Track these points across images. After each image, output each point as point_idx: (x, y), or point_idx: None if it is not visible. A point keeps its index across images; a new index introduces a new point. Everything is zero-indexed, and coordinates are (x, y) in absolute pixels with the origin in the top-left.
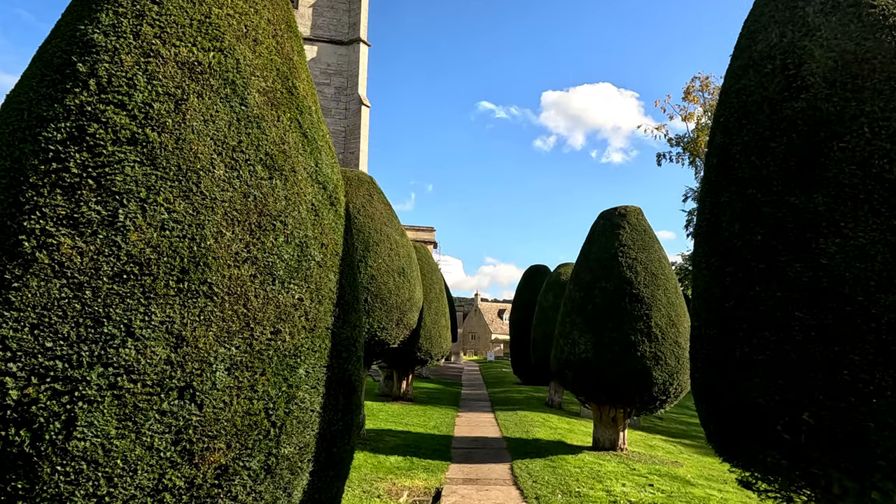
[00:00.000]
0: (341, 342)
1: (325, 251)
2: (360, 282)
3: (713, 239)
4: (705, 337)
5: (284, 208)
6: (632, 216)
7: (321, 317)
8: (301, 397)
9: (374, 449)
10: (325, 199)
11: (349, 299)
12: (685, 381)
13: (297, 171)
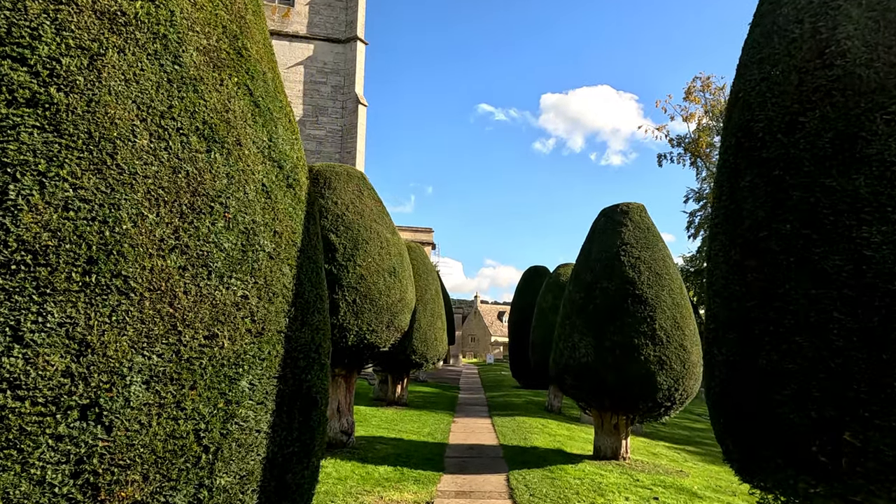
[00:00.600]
0: (299, 348)
1: (279, 240)
2: (349, 282)
3: (733, 229)
4: (724, 341)
5: (226, 187)
6: (634, 213)
7: (272, 318)
8: (243, 415)
9: (362, 458)
10: (280, 180)
11: (310, 298)
12: (691, 386)
13: (243, 145)
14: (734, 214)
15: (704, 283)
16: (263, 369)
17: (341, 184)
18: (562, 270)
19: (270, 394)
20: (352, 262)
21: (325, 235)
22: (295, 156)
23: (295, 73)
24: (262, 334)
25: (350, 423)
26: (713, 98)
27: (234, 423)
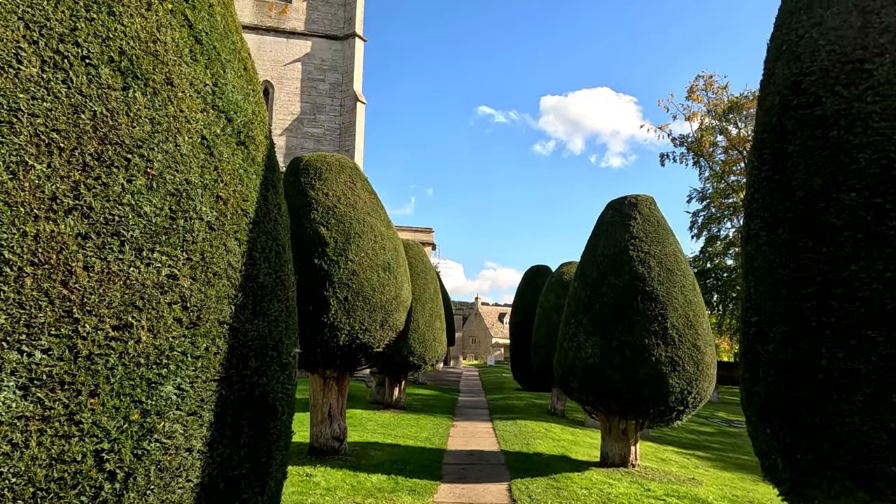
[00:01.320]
0: (249, 343)
1: (224, 208)
2: (340, 278)
3: (779, 203)
4: (771, 336)
5: (149, 136)
6: (643, 206)
7: (211, 305)
8: (167, 430)
9: (355, 466)
10: (228, 135)
11: (267, 282)
12: (705, 389)
13: (176, 86)
14: (780, 186)
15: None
16: (198, 370)
17: (332, 174)
18: (565, 269)
19: (208, 401)
20: (343, 257)
21: (315, 229)
22: (250, 109)
23: (292, 71)
24: (196, 325)
25: (342, 428)
26: (716, 97)
27: (153, 441)
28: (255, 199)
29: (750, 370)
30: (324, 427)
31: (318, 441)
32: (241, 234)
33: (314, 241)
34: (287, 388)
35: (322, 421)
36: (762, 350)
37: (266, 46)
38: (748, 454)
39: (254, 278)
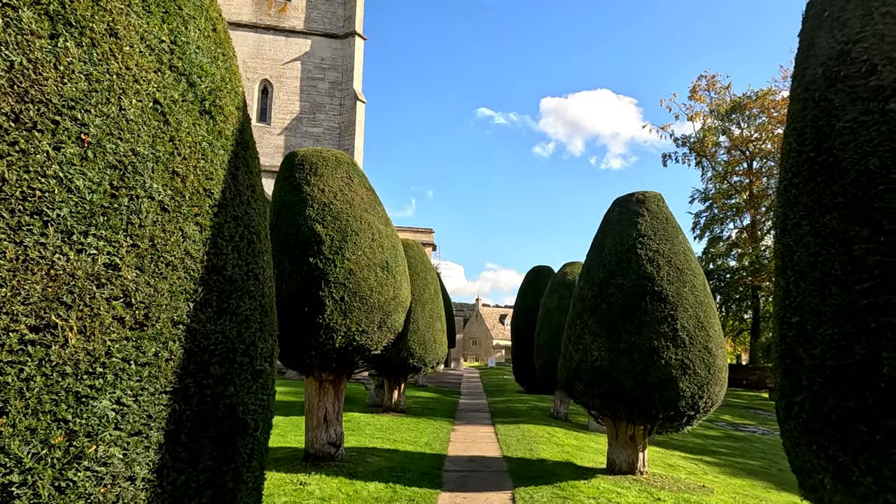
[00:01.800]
0: (212, 348)
1: (181, 187)
2: (336, 278)
3: (826, 187)
4: (817, 339)
5: (85, 96)
6: (651, 202)
7: (162, 301)
8: (101, 455)
9: (351, 473)
10: (189, 102)
11: (236, 275)
12: (716, 393)
13: (121, 38)
14: (827, 168)
15: (776, 265)
16: (144, 380)
17: (329, 170)
18: (568, 269)
19: (157, 418)
20: (340, 256)
21: (310, 226)
22: (218, 75)
23: (292, 70)
24: (143, 326)
25: (338, 433)
26: (718, 97)
27: (81, 470)
28: (223, 178)
29: (789, 377)
30: (319, 432)
31: (313, 447)
32: (204, 217)
33: (309, 238)
34: (262, 398)
35: (318, 426)
36: (805, 354)
37: (265, 45)
38: (756, 459)
39: (219, 270)
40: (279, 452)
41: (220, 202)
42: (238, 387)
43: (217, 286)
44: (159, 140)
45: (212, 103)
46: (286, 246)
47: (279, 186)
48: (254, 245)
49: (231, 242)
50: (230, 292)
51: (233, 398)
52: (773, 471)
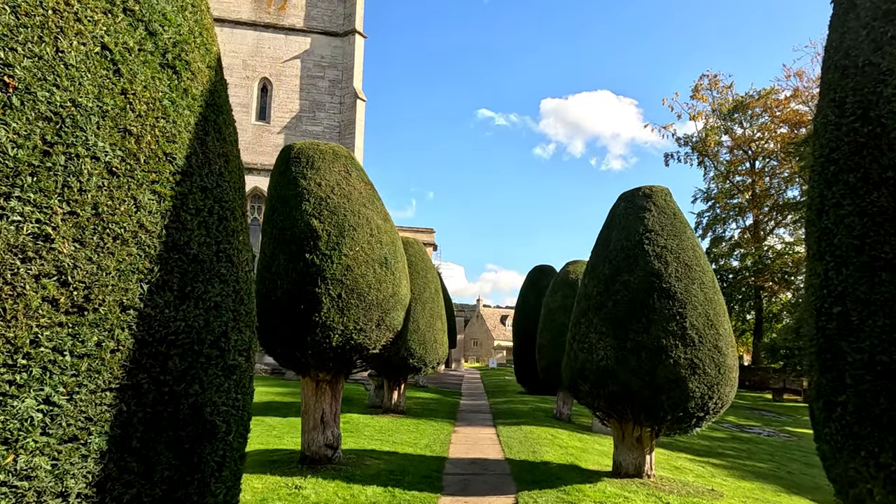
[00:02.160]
0: (172, 338)
1: (136, 148)
2: (333, 274)
3: (873, 161)
4: (864, 332)
5: (10, 31)
6: (658, 197)
7: (108, 280)
8: (23, 466)
9: (349, 477)
10: (147, 52)
11: (204, 254)
12: (727, 394)
13: None
14: (875, 138)
15: (809, 251)
16: (83, 374)
17: (326, 164)
18: (571, 268)
19: (99, 420)
20: (337, 252)
21: (306, 221)
22: (186, 27)
23: (291, 68)
24: (82, 310)
25: (336, 435)
26: (720, 96)
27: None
28: (188, 141)
29: (829, 374)
30: (316, 434)
31: (309, 449)
32: (163, 185)
33: (305, 233)
34: (235, 398)
35: (314, 427)
36: (850, 349)
37: (264, 43)
38: (764, 462)
39: (181, 248)
40: (275, 455)
41: (185, 170)
42: (205, 384)
43: (179, 266)
44: (107, 92)
45: (176, 57)
46: (282, 241)
47: (275, 180)
48: (226, 222)
49: (198, 217)
50: (195, 274)
51: (198, 397)
52: (781, 473)
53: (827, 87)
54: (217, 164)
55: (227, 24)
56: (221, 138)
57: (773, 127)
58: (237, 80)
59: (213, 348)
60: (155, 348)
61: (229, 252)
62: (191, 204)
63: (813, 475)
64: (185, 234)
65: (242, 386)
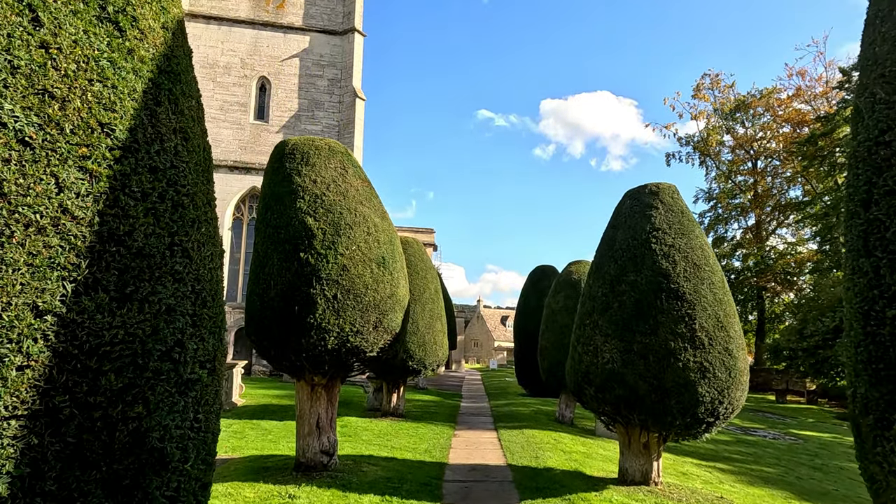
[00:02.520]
0: (107, 348)
1: (61, 115)
2: (329, 274)
3: None
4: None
5: None
6: (666, 194)
7: (18, 280)
8: None
9: (345, 484)
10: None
11: (152, 248)
12: (738, 398)
13: None
14: None
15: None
16: None
17: (321, 160)
18: (573, 268)
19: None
20: (332, 251)
21: (301, 219)
22: None
23: (290, 67)
24: None
25: (332, 441)
26: (722, 96)
27: None
28: (132, 112)
29: (883, 387)
30: (311, 440)
31: (304, 455)
32: (98, 163)
33: (300, 232)
34: (195, 418)
35: (309, 433)
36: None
37: (263, 41)
38: (771, 466)
39: (121, 239)
40: (269, 461)
41: (127, 144)
42: (152, 404)
43: (118, 261)
44: (20, 43)
45: (119, 10)
46: (275, 240)
47: (269, 177)
48: (183, 210)
49: (144, 202)
50: (140, 271)
51: (142, 421)
52: (790, 478)
53: (872, 62)
54: (172, 141)
55: (226, 23)
56: (178, 111)
57: (776, 126)
58: (235, 79)
59: (163, 360)
60: (82, 363)
61: (186, 245)
62: (135, 186)
63: (820, 479)
64: (126, 223)
65: (205, 403)
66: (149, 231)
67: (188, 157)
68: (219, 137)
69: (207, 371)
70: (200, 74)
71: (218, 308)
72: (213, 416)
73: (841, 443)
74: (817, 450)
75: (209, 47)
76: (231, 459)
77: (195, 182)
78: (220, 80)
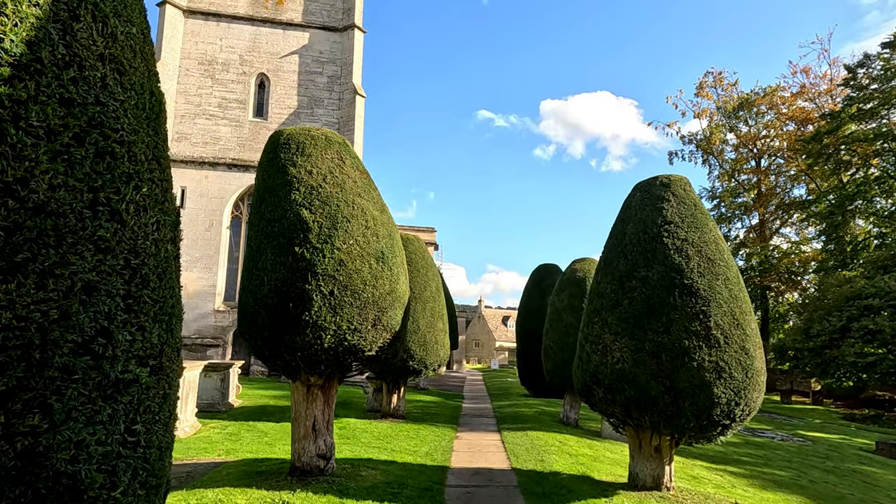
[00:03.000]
0: None
1: None
2: (325, 269)
3: None
4: None
5: None
6: (677, 186)
7: None
8: None
9: (342, 490)
10: None
11: (61, 205)
12: (755, 399)
13: None
14: None
15: None
16: None
17: (318, 150)
18: (578, 266)
19: None
20: (329, 245)
21: (296, 212)
22: None
23: (289, 63)
24: None
25: (329, 444)
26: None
27: None
28: (34, 21)
29: None
30: (307, 443)
31: (300, 460)
32: None
33: (295, 225)
34: (129, 430)
35: (305, 436)
36: None
37: (262, 38)
38: (783, 469)
39: (10, 188)
40: (264, 465)
41: (25, 63)
42: (58, 413)
43: (2, 217)
44: None
45: None
46: (269, 234)
47: (263, 169)
48: (113, 161)
49: (50, 143)
50: (41, 234)
51: (41, 436)
52: (803, 482)
53: None
54: (97, 71)
55: (224, 19)
56: (108, 34)
57: (780, 124)
58: (234, 76)
59: (77, 355)
60: None
61: (118, 207)
62: (35, 119)
63: (834, 483)
64: (18, 166)
65: (146, 411)
66: (57, 182)
67: (123, 97)
68: (217, 135)
69: (149, 369)
70: (199, 71)
71: (167, 291)
72: (160, 426)
73: (851, 444)
74: (827, 452)
75: (208, 44)
76: (224, 463)
77: (134, 129)
78: (219, 77)
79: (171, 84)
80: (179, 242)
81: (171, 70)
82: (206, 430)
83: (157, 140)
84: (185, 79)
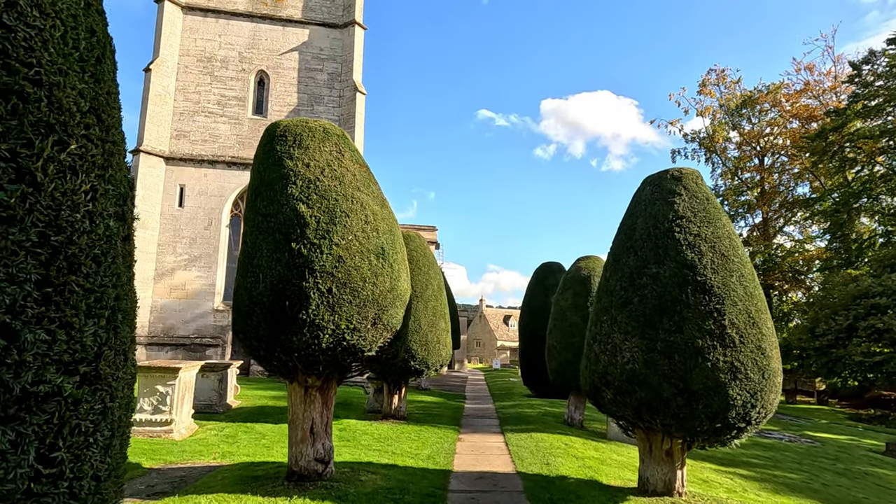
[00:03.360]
0: None
1: None
2: (323, 266)
3: None
4: None
5: None
6: (689, 180)
7: None
8: None
9: (341, 496)
10: None
11: None
12: (771, 401)
13: None
14: None
15: None
16: None
17: (315, 142)
18: (583, 264)
19: None
20: (327, 240)
21: (293, 206)
22: None
23: (289, 60)
24: None
25: (327, 447)
26: (728, 92)
27: None
28: None
29: None
30: (305, 447)
31: (297, 464)
32: None
33: (292, 220)
34: (47, 459)
35: (303, 440)
36: None
37: (261, 35)
38: (794, 472)
39: None
40: (260, 469)
41: None
42: None
43: None
44: None
45: None
46: (265, 229)
47: (258, 162)
48: (19, 101)
49: None
50: None
51: None
52: (815, 485)
53: None
54: None
55: (224, 16)
56: None
57: (783, 122)
58: (233, 73)
59: None
60: None
61: (27, 164)
62: None
63: (848, 487)
64: None
65: (74, 433)
66: None
67: (41, 23)
68: (216, 133)
69: (79, 378)
70: (197, 68)
71: (109, 279)
72: (96, 449)
73: (859, 445)
74: (837, 453)
75: (206, 41)
76: (220, 467)
77: (59, 69)
78: (218, 75)
79: (170, 81)
80: (132, 220)
81: (169, 67)
82: (202, 431)
83: (98, 90)
84: (183, 76)
